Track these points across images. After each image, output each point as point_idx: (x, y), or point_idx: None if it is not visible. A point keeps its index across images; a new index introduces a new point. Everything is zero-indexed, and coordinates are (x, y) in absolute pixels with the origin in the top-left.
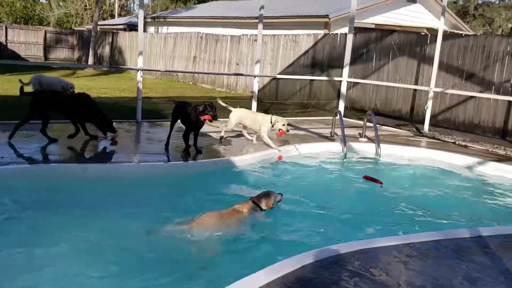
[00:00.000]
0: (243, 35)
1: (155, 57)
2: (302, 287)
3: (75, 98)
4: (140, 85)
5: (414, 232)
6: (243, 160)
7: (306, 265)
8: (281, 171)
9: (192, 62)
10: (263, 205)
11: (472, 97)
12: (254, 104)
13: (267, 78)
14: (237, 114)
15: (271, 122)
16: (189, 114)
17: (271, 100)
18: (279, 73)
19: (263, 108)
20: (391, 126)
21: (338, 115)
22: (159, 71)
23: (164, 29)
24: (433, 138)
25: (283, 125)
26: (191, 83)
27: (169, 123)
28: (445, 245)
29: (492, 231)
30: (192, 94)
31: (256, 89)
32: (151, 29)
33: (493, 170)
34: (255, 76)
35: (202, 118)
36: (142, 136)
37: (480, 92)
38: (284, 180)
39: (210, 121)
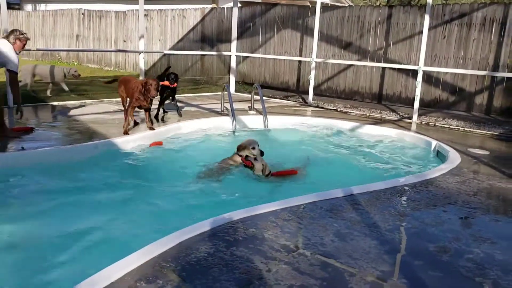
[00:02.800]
0: (128, 10)
1: (33, 37)
2: (178, 264)
3: None
4: None
5: (293, 196)
6: (126, 142)
7: (183, 241)
8: (169, 149)
9: (76, 40)
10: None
11: (350, 65)
12: None
13: (158, 54)
14: None
15: None
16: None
17: None
18: (169, 49)
19: None
20: (280, 98)
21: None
22: (30, 50)
23: (42, 7)
24: (317, 107)
25: None
26: (75, 63)
27: (40, 106)
28: (320, 206)
29: (363, 188)
30: None
31: (142, 66)
32: (29, 7)
33: (369, 132)
34: (140, 53)
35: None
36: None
37: (358, 60)
38: (173, 157)
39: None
